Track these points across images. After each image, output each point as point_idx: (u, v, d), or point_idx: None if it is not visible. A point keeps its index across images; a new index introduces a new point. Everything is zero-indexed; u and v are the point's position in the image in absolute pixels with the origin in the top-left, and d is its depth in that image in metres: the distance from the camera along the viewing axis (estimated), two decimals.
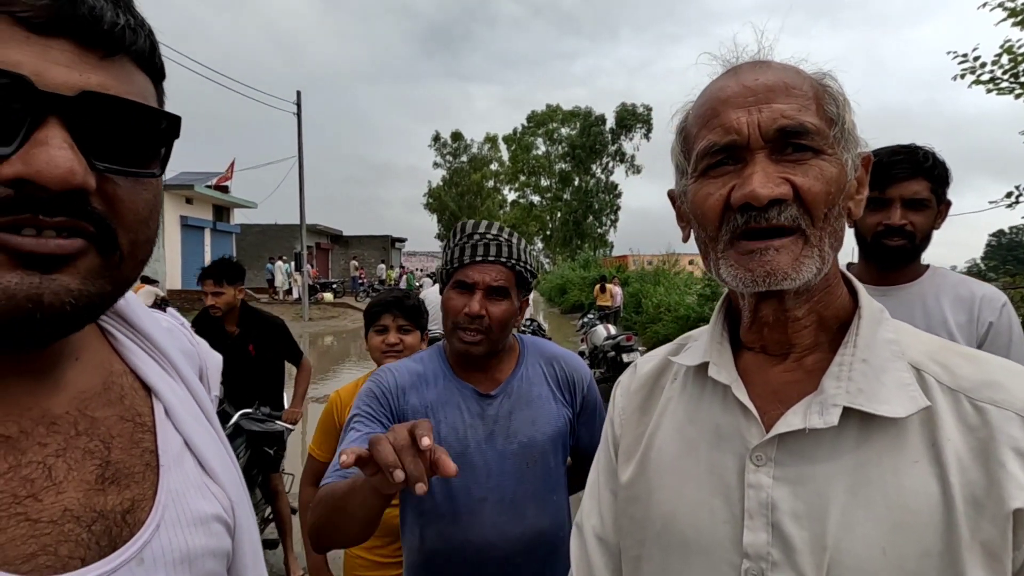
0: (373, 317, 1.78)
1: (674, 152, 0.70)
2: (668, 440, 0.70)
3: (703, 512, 0.64)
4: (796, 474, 0.58)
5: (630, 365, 0.86)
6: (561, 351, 1.38)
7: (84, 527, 0.44)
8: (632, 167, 38.70)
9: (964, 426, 0.55)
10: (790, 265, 0.58)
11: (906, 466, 0.55)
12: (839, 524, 0.55)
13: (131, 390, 0.53)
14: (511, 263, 1.25)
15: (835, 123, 0.60)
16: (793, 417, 0.59)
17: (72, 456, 0.45)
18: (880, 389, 0.57)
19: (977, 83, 4.02)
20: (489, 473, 1.22)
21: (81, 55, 0.40)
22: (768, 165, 0.58)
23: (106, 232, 0.42)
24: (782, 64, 0.64)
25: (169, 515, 0.49)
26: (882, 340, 0.61)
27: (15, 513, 0.41)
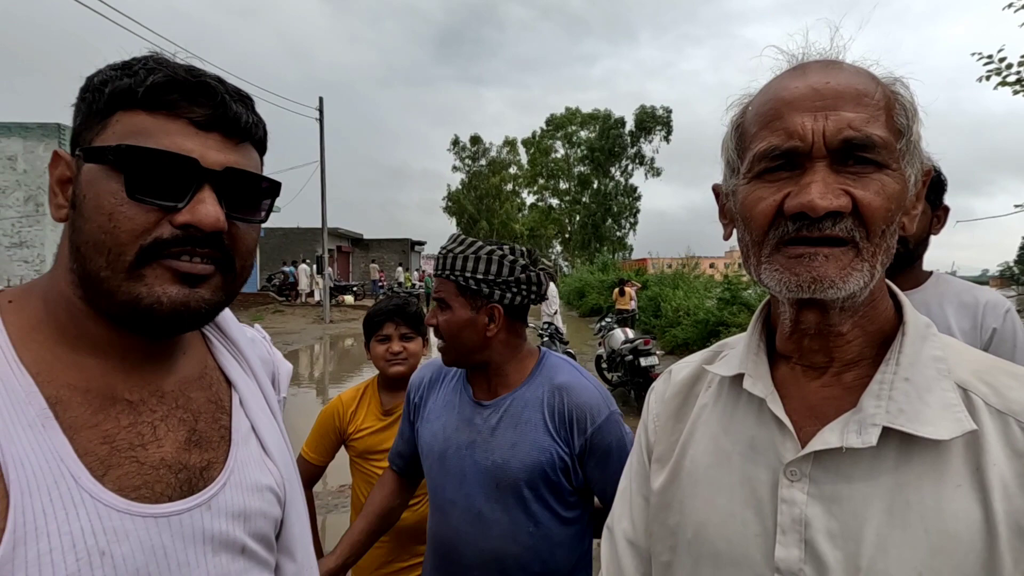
0: (375, 326, 1.74)
1: (726, 146, 0.67)
2: (702, 449, 0.69)
3: (735, 524, 0.63)
4: (832, 492, 0.57)
5: (664, 371, 0.85)
6: (575, 382, 1.25)
7: (173, 474, 0.59)
8: (652, 170, 38.44)
9: (1012, 451, 0.53)
10: (837, 274, 0.56)
11: (948, 490, 0.53)
12: (874, 546, 0.54)
13: (217, 381, 0.70)
14: (445, 274, 1.27)
15: (903, 135, 0.58)
16: (830, 435, 0.58)
17: (171, 422, 0.62)
18: (923, 410, 0.55)
19: (1003, 84, 3.94)
20: (463, 480, 1.26)
21: (225, 142, 0.60)
22: (828, 175, 0.55)
23: (228, 260, 0.61)
24: (853, 66, 0.60)
25: (234, 478, 0.64)
26: (928, 357, 0.59)
27: (130, 456, 0.57)
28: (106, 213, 0.55)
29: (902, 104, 0.59)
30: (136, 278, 0.55)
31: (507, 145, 40.66)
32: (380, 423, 1.73)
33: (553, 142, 40.09)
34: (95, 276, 0.56)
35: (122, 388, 0.59)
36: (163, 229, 0.56)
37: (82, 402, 0.56)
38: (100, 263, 0.55)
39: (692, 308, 12.67)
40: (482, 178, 39.89)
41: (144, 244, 0.55)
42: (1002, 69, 3.92)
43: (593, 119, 39.12)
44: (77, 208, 0.57)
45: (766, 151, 0.58)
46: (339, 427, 1.74)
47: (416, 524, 1.68)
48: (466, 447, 1.27)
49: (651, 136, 37.86)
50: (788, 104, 0.58)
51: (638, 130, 37.88)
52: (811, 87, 0.58)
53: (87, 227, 0.55)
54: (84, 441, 0.54)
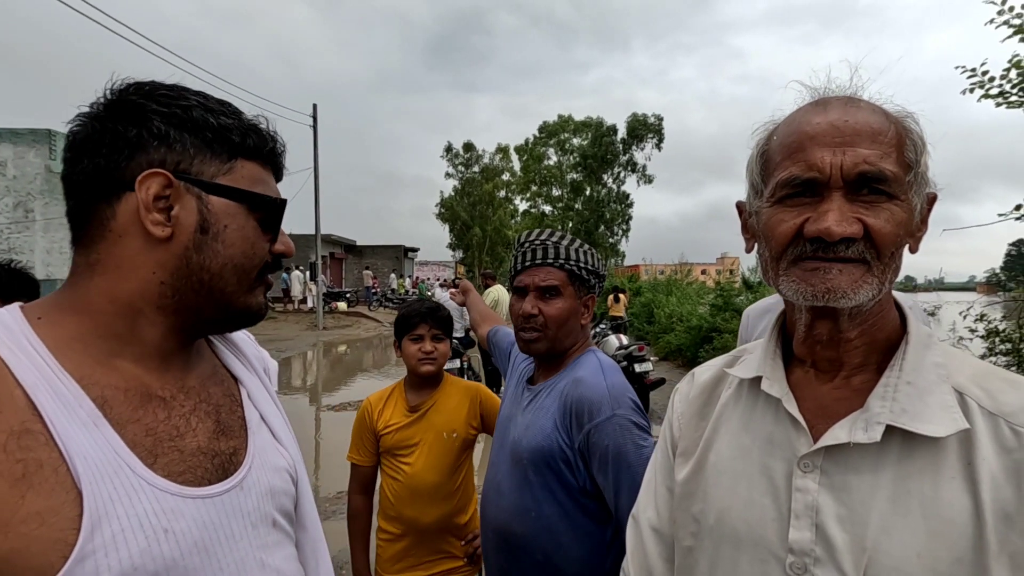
0: (410, 326, 1.84)
1: (750, 168, 0.74)
2: (724, 444, 0.76)
3: (754, 510, 0.69)
4: (841, 482, 0.64)
5: (687, 374, 0.92)
6: (588, 377, 1.25)
7: (209, 459, 0.66)
8: (644, 177, 38.63)
9: (1001, 447, 0.59)
10: (849, 286, 0.63)
11: (944, 481, 0.60)
12: (878, 529, 0.61)
13: (226, 377, 0.78)
14: (559, 263, 1.32)
15: (911, 169, 0.64)
16: (839, 431, 0.64)
17: (199, 415, 0.69)
18: (923, 410, 0.62)
19: (986, 97, 4.03)
20: (501, 448, 1.38)
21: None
22: (844, 204, 0.62)
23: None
24: (870, 104, 0.67)
25: (257, 462, 0.72)
26: (929, 364, 0.65)
27: (171, 446, 0.63)
28: (250, 243, 0.69)
29: (912, 140, 0.65)
30: (250, 291, 0.71)
31: (500, 152, 40.75)
32: (406, 419, 1.80)
33: (546, 149, 40.21)
34: (222, 291, 0.68)
35: (156, 386, 0.66)
36: (267, 256, 0.72)
37: (124, 400, 0.62)
38: (232, 281, 0.69)
39: (685, 314, 12.74)
40: (475, 185, 39.90)
41: (260, 267, 0.72)
42: (985, 82, 4.01)
43: (586, 126, 39.31)
44: (212, 235, 0.67)
45: (788, 180, 0.66)
46: (371, 425, 1.82)
47: (435, 522, 1.74)
48: (509, 420, 1.38)
49: (643, 143, 38.08)
50: (811, 138, 0.65)
51: (630, 137, 38.09)
52: (832, 124, 0.64)
53: (228, 252, 0.68)
54: (131, 435, 0.60)
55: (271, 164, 0.74)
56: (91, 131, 0.63)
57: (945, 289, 15.80)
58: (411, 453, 1.76)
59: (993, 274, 10.70)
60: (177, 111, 0.65)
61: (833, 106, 0.66)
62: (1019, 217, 3.91)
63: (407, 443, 1.77)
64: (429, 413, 1.80)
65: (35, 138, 15.60)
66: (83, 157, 0.63)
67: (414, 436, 1.78)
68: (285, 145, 0.77)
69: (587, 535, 1.22)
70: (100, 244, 0.64)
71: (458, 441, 1.78)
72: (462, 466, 1.82)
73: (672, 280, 19.03)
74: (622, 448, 1.15)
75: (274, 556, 0.71)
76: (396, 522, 1.76)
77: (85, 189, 0.64)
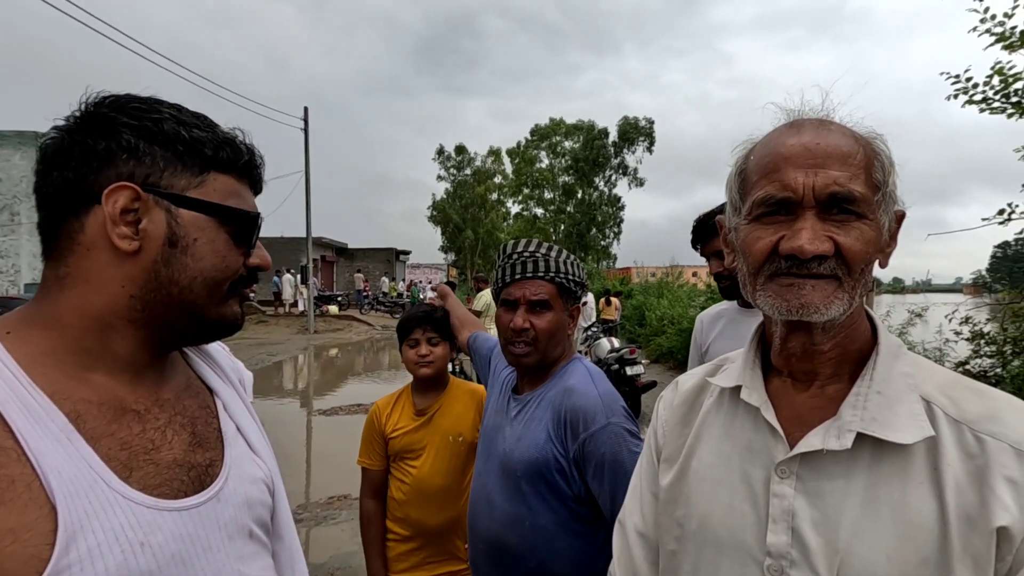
0: (406, 332, 1.87)
1: (730, 186, 0.77)
2: (706, 451, 0.79)
3: (735, 515, 0.72)
4: (815, 488, 0.67)
5: (671, 382, 0.95)
6: (579, 386, 1.26)
7: (185, 472, 0.66)
8: (635, 180, 38.85)
9: (964, 453, 0.62)
10: (822, 301, 0.66)
11: (912, 486, 0.63)
12: (850, 532, 0.64)
13: (201, 389, 0.78)
14: (549, 276, 1.32)
15: (879, 189, 0.67)
16: (813, 438, 0.67)
17: (174, 427, 0.69)
18: (892, 418, 0.65)
19: (970, 103, 4.10)
20: (488, 459, 1.37)
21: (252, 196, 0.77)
22: (816, 223, 0.66)
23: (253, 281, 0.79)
24: (840, 127, 0.70)
25: (233, 472, 0.72)
26: (898, 373, 0.69)
27: (146, 459, 0.63)
28: (220, 256, 0.69)
29: (880, 161, 0.69)
30: (223, 303, 0.71)
31: (492, 155, 40.80)
32: (414, 423, 1.81)
33: (538, 152, 40.32)
34: (192, 304, 0.68)
35: (129, 399, 0.65)
36: (241, 269, 0.72)
37: (97, 414, 0.61)
38: (202, 294, 0.68)
39: (676, 317, 12.80)
40: (467, 187, 39.93)
41: (232, 280, 0.71)
42: (968, 88, 4.08)
43: (577, 129, 39.47)
44: (181, 248, 0.66)
45: (764, 199, 0.69)
46: (380, 429, 1.84)
47: (441, 525, 1.75)
48: (497, 431, 1.37)
49: (634, 147, 38.30)
50: (785, 159, 0.68)
51: (621, 141, 38.29)
52: (804, 146, 0.68)
53: (198, 265, 0.67)
54: (106, 449, 0.60)
55: (246, 177, 0.74)
56: (62, 144, 0.63)
57: (932, 291, 15.96)
58: (418, 456, 1.78)
59: (979, 276, 10.87)
60: (148, 124, 0.65)
61: (806, 129, 0.70)
62: (1002, 221, 3.98)
63: (414, 447, 1.79)
64: (436, 417, 1.81)
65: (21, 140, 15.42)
66: (53, 170, 0.63)
67: (421, 440, 1.79)
68: (262, 158, 0.76)
69: (581, 541, 1.23)
70: (69, 257, 0.63)
71: (464, 444, 1.79)
72: (468, 468, 1.82)
73: (663, 283, 19.12)
74: (618, 456, 1.17)
75: (251, 567, 0.71)
76: (404, 524, 1.78)
77: (55, 202, 0.64)
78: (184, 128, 0.67)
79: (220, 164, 0.69)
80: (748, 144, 0.76)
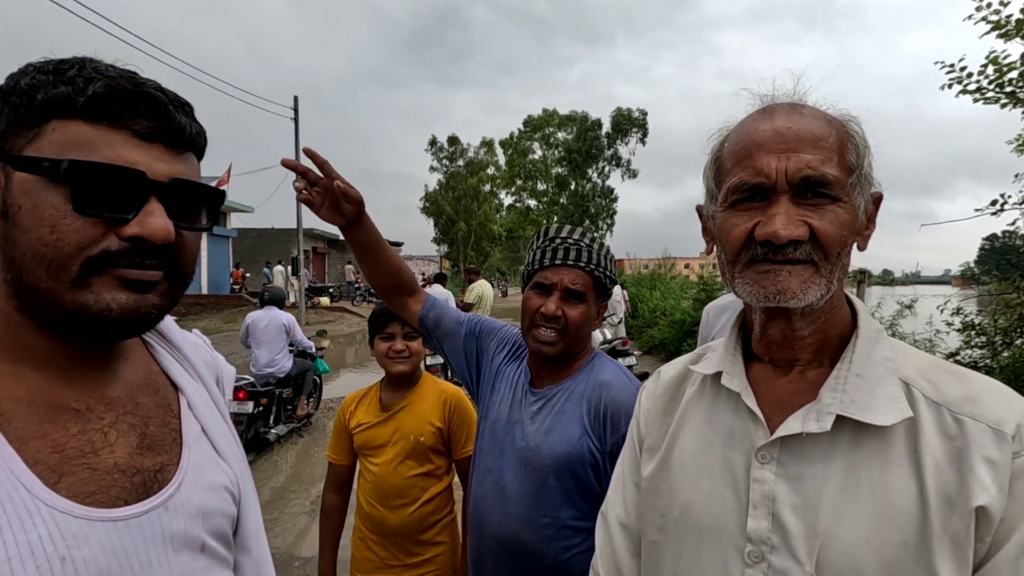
0: (380, 325, 1.80)
1: (706, 175, 0.77)
2: (688, 439, 0.79)
3: (716, 502, 0.72)
4: (795, 472, 0.67)
5: (654, 372, 0.95)
6: (616, 381, 1.26)
7: (127, 478, 0.60)
8: (628, 171, 38.84)
9: (943, 435, 0.63)
10: (799, 287, 0.65)
11: (891, 468, 0.63)
12: (830, 515, 0.63)
13: (163, 386, 0.71)
14: (590, 268, 1.28)
15: (853, 171, 0.67)
16: (793, 422, 0.67)
17: (121, 427, 0.62)
18: (871, 401, 0.65)
19: (964, 93, 4.10)
20: (501, 453, 1.31)
21: (169, 153, 0.60)
22: (790, 207, 0.65)
23: (175, 267, 0.62)
24: (812, 110, 0.70)
25: (189, 479, 0.65)
26: (878, 357, 0.68)
27: (82, 463, 0.57)
28: (48, 225, 0.54)
29: (854, 143, 0.68)
30: (82, 287, 0.56)
31: (485, 146, 40.60)
32: (376, 419, 1.76)
33: (531, 143, 40.17)
34: (35, 287, 0.55)
35: (68, 397, 0.59)
36: (110, 242, 0.56)
37: (27, 413, 0.56)
38: (40, 274, 0.55)
39: (669, 309, 12.84)
40: (460, 179, 39.73)
41: (90, 256, 0.55)
42: (963, 78, 4.07)
43: (571, 121, 39.34)
44: (10, 218, 0.55)
45: (738, 185, 0.68)
46: (345, 423, 1.81)
47: (402, 526, 1.70)
48: (512, 425, 1.32)
49: (627, 138, 38.26)
50: (757, 145, 0.68)
51: (614, 132, 38.24)
52: (776, 131, 0.67)
53: (25, 239, 0.55)
54: (33, 451, 0.54)
55: (109, 118, 0.56)
56: None
57: (921, 283, 16.17)
58: (380, 454, 1.73)
59: (968, 268, 10.96)
60: (8, 83, 0.57)
61: (778, 113, 0.69)
62: (995, 212, 3.99)
63: (374, 443, 1.75)
64: (399, 414, 1.76)
65: None
66: None
67: (380, 436, 1.74)
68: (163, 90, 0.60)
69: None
70: None
71: (423, 446, 1.73)
72: (435, 472, 1.76)
73: (656, 274, 19.17)
74: None
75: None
76: (367, 520, 1.76)
77: None
78: (27, 77, 0.56)
79: (60, 108, 0.55)
80: (723, 131, 0.75)
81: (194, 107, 0.65)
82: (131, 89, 0.57)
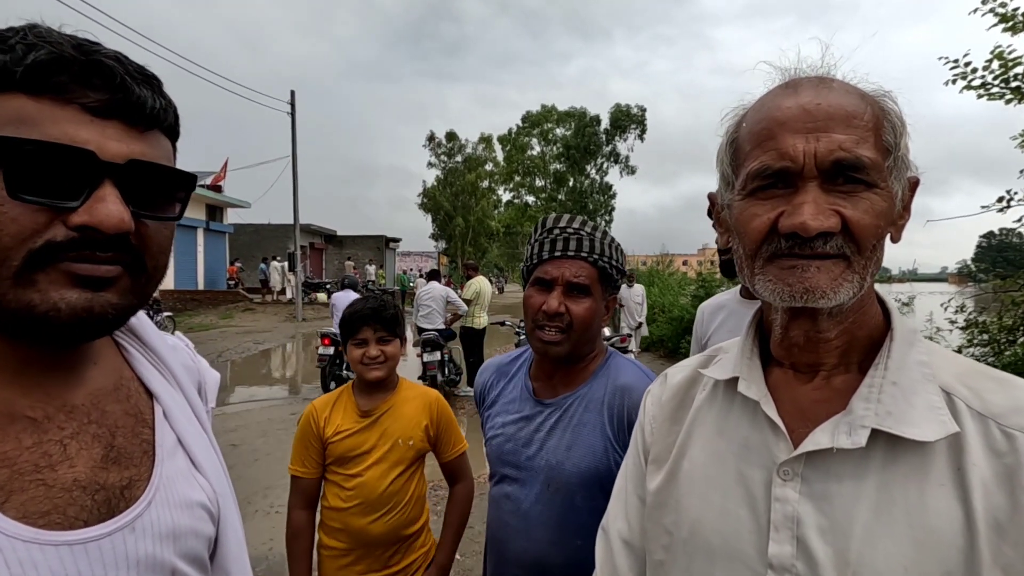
0: (352, 330, 1.68)
1: (720, 159, 0.69)
2: (698, 450, 0.71)
3: (730, 521, 0.65)
4: (822, 491, 0.60)
5: (659, 375, 0.87)
6: (638, 384, 1.14)
7: (89, 495, 0.54)
8: (626, 168, 38.76)
9: (991, 452, 0.55)
10: (828, 284, 0.58)
11: (931, 488, 0.56)
12: (862, 541, 0.56)
13: (136, 393, 0.64)
14: (593, 258, 1.17)
15: (890, 153, 0.60)
16: (821, 436, 0.60)
17: (83, 438, 0.56)
18: (909, 412, 0.58)
19: (968, 88, 4.05)
20: (516, 476, 1.22)
21: (127, 131, 0.53)
22: (819, 195, 0.58)
23: (138, 261, 0.55)
24: (844, 85, 0.61)
25: (160, 496, 0.59)
26: (913, 362, 0.61)
27: (36, 479, 0.51)
28: None
29: (891, 121, 0.60)
30: (26, 284, 0.49)
31: (483, 141, 40.44)
32: (358, 425, 1.67)
33: (529, 139, 40.04)
34: None
35: (22, 405, 0.53)
36: (56, 231, 0.49)
37: None
38: None
39: (667, 305, 12.81)
40: (458, 175, 39.60)
41: (33, 248, 0.48)
42: (967, 73, 4.03)
43: (569, 117, 39.21)
44: None
45: (759, 171, 0.60)
46: (317, 433, 1.67)
47: (384, 534, 1.63)
48: (524, 444, 1.21)
49: (626, 134, 38.17)
50: (781, 124, 0.60)
51: (613, 128, 38.14)
52: (802, 108, 0.59)
53: None
54: None
55: (52, 90, 0.49)
56: None
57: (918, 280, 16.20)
58: (363, 461, 1.64)
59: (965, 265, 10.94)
60: None
61: (804, 88, 0.61)
62: (1001, 208, 3.95)
63: (358, 450, 1.65)
64: (383, 419, 1.68)
65: None
66: None
67: (366, 442, 1.65)
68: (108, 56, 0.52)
69: None
70: None
71: (412, 450, 1.68)
72: (415, 475, 1.71)
73: (654, 271, 19.14)
74: None
75: None
76: (342, 535, 1.64)
77: None
78: None
79: (1, 80, 0.49)
80: (739, 110, 0.67)
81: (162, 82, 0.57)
82: (79, 57, 0.50)
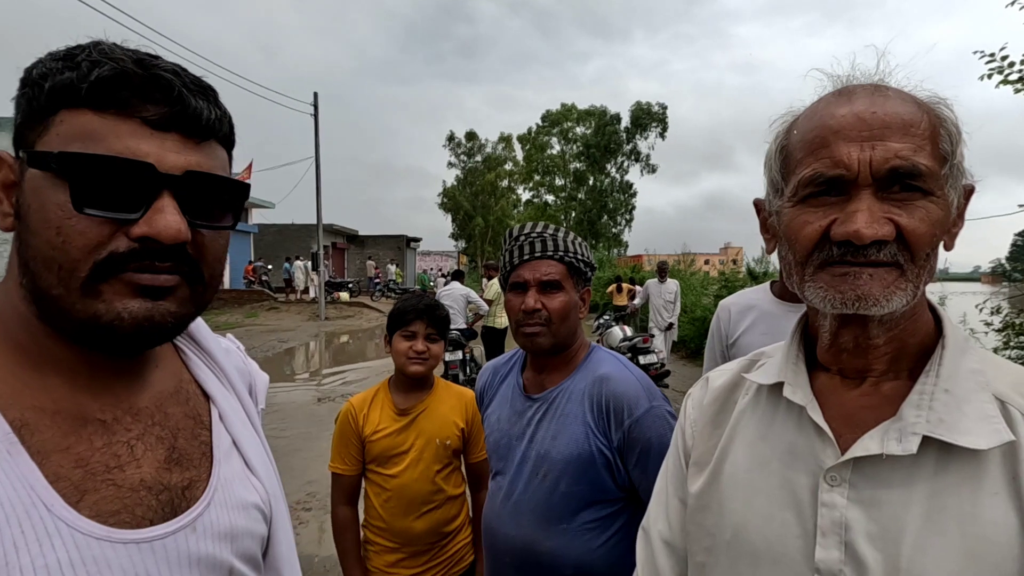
0: (403, 322, 1.70)
1: (769, 165, 0.69)
2: (741, 454, 0.72)
3: (775, 525, 0.65)
4: (871, 497, 0.60)
5: (701, 378, 0.89)
6: (615, 373, 1.24)
7: (154, 495, 0.56)
8: (647, 166, 38.45)
9: None
10: (881, 292, 0.58)
11: (985, 497, 0.56)
12: (913, 548, 0.56)
13: (194, 395, 0.66)
14: (559, 255, 1.29)
15: (947, 161, 0.60)
16: (870, 442, 0.60)
17: (148, 440, 0.58)
18: (962, 420, 0.58)
19: (1005, 83, 3.93)
20: (509, 467, 1.32)
21: (185, 142, 0.54)
22: (874, 203, 0.58)
23: (195, 270, 0.57)
24: (899, 92, 0.62)
25: (218, 496, 0.61)
26: (966, 370, 0.61)
27: (106, 479, 0.53)
28: (54, 227, 0.50)
29: (947, 129, 0.60)
30: (93, 295, 0.51)
31: (503, 141, 40.49)
32: (396, 424, 1.69)
33: (549, 138, 39.97)
34: (47, 294, 0.51)
35: (93, 408, 0.55)
36: (119, 243, 0.51)
37: (51, 425, 0.52)
38: (51, 280, 0.51)
39: (689, 305, 12.66)
40: (478, 174, 39.72)
41: (98, 259, 0.50)
42: (1004, 67, 3.90)
43: (589, 115, 39.04)
44: (23, 219, 0.52)
45: (812, 178, 0.61)
46: (356, 430, 1.70)
47: (427, 531, 1.67)
48: (516, 439, 1.32)
49: (647, 133, 37.86)
50: (835, 132, 0.60)
51: (634, 127, 37.86)
52: (857, 116, 0.59)
53: (34, 241, 0.51)
54: (55, 466, 0.51)
55: (116, 105, 0.51)
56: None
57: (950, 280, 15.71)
58: (401, 461, 1.66)
59: (999, 264, 10.58)
60: (25, 73, 0.53)
61: (859, 95, 0.61)
62: None
63: (396, 450, 1.66)
64: (420, 418, 1.69)
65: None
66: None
67: (404, 443, 1.66)
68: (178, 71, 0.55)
69: (618, 536, 1.21)
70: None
71: (449, 449, 1.70)
72: (454, 473, 1.73)
73: (675, 270, 18.94)
74: (664, 439, 1.14)
75: None
76: (386, 534, 1.67)
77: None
78: (42, 65, 0.52)
79: (67, 97, 0.51)
80: (789, 117, 0.68)
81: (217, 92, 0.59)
82: (139, 72, 0.51)
